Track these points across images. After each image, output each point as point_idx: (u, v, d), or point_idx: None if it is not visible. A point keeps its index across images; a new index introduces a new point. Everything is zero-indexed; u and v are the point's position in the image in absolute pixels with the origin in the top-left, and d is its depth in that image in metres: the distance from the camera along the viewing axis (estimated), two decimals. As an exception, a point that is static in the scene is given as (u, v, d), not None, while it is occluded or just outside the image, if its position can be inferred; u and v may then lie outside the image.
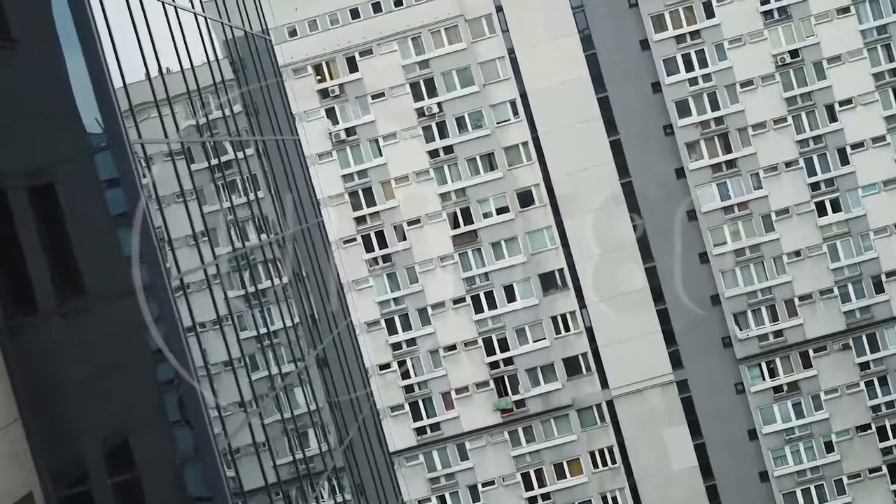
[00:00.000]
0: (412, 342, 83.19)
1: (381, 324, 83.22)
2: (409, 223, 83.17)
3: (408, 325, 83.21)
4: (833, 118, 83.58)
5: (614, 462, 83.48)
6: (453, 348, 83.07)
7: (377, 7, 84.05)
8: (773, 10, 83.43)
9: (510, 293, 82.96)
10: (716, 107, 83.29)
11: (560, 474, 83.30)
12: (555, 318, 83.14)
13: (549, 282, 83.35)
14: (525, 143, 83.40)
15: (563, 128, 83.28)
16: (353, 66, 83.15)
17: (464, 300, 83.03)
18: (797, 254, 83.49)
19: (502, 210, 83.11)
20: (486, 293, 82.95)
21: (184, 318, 20.92)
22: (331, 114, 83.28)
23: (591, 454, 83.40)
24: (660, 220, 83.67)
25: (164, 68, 24.35)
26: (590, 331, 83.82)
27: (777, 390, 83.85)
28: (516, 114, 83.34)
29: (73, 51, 20.06)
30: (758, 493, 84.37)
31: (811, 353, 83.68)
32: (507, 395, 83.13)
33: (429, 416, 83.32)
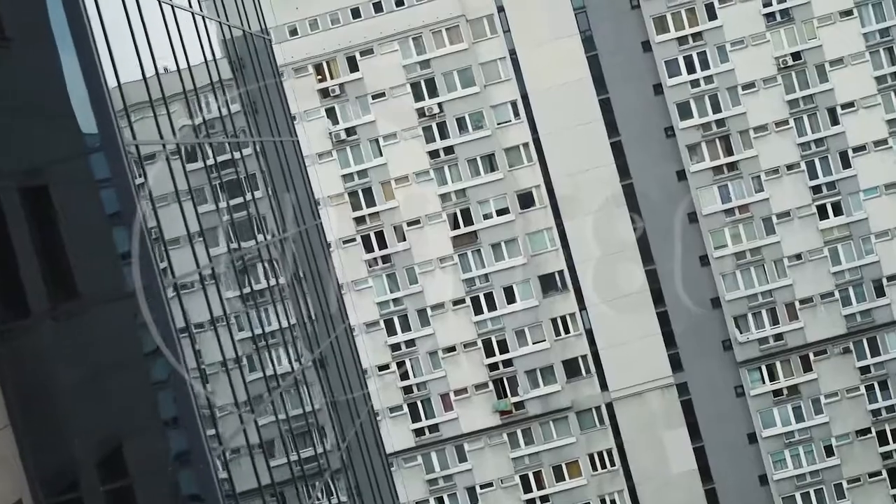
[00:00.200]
0: (411, 343, 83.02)
1: (381, 324, 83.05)
2: (409, 224, 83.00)
3: (407, 326, 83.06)
4: (835, 121, 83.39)
5: (613, 465, 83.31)
6: (452, 349, 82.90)
7: (378, 7, 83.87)
8: (775, 12, 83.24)
9: (510, 294, 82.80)
10: (717, 109, 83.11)
11: (559, 477, 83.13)
12: (554, 320, 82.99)
13: (549, 283, 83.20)
14: (526, 144, 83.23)
15: (563, 129, 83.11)
16: (353, 65, 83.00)
17: (463, 301, 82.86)
18: (798, 257, 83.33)
19: (502, 211, 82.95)
20: (485, 294, 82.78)
21: (178, 320, 20.71)
22: (331, 113, 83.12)
23: (591, 457, 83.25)
24: (660, 223, 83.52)
25: (160, 68, 24.13)
26: (589, 333, 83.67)
27: (777, 394, 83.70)
28: (517, 115, 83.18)
29: (67, 50, 19.86)
30: (757, 496, 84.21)
31: (811, 357, 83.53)
32: (506, 396, 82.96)
33: (427, 418, 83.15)
